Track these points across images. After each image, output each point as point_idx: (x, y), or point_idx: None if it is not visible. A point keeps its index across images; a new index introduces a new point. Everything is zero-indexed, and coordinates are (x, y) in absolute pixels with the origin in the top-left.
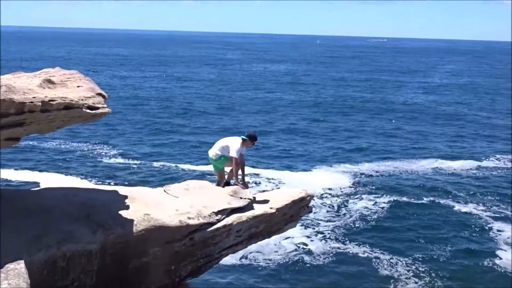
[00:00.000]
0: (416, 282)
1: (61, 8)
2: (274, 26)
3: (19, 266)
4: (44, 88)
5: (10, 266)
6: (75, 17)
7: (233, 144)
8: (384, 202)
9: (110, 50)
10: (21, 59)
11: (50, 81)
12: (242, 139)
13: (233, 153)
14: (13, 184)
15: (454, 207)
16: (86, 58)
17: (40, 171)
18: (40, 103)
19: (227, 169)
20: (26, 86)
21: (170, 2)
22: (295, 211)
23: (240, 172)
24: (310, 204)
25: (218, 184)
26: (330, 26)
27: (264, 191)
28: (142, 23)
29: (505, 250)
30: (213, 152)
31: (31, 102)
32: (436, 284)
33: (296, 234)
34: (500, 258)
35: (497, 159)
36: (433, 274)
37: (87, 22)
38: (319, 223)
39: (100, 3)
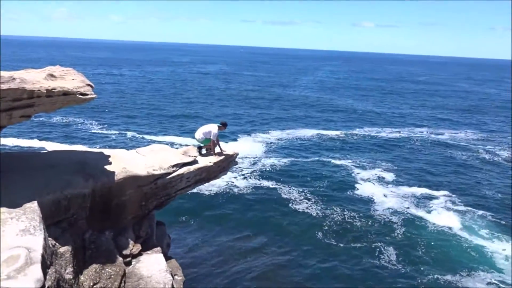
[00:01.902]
0: (306, 203)
1: (61, 23)
2: (211, 39)
3: (33, 205)
4: (48, 80)
5: (27, 204)
6: (72, 30)
7: (212, 129)
8: (284, 157)
9: (95, 54)
10: (29, 60)
11: (52, 75)
12: (218, 126)
13: (213, 137)
14: (26, 149)
15: (330, 160)
16: (76, 60)
17: (46, 140)
18: (45, 91)
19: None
20: (34, 78)
21: (140, 20)
22: (226, 164)
23: (216, 147)
24: (236, 159)
25: (200, 151)
26: (250, 39)
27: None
28: (119, 35)
29: (360, 184)
30: (199, 136)
31: (39, 90)
32: (314, 199)
33: (226, 176)
34: (358, 189)
35: (358, 127)
36: (315, 196)
37: (76, 34)
38: (242, 170)
39: (91, 20)
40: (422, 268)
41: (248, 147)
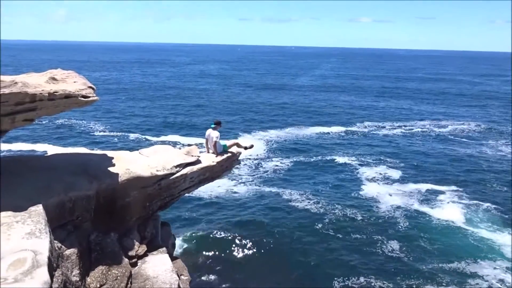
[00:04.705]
0: (308, 203)
1: (59, 26)
2: (209, 38)
3: (38, 208)
4: (49, 83)
5: (32, 208)
6: (70, 32)
7: (213, 134)
8: (286, 156)
9: (94, 57)
10: (29, 65)
11: (54, 78)
12: (213, 127)
13: (217, 138)
14: (29, 152)
15: (333, 158)
16: (76, 63)
17: (48, 143)
18: (47, 94)
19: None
20: (36, 82)
21: (137, 21)
22: (229, 163)
23: (212, 147)
24: (239, 159)
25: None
26: (248, 38)
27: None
28: (117, 36)
29: (364, 182)
30: (214, 150)
31: (41, 93)
32: (317, 199)
33: (225, 182)
34: (363, 190)
35: (359, 124)
36: (318, 197)
37: (74, 36)
38: (245, 170)
39: (89, 21)
40: (425, 257)
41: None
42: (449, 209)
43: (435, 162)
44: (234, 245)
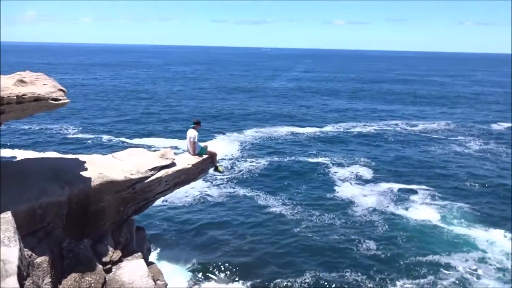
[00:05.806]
0: (282, 205)
1: (29, 27)
2: (183, 40)
3: (7, 215)
4: (18, 86)
5: (0, 215)
6: (40, 34)
7: (191, 135)
8: (260, 157)
9: (66, 59)
10: None
11: (22, 81)
12: (192, 127)
13: (194, 139)
14: None
15: (307, 159)
16: (47, 65)
17: (17, 147)
18: (15, 97)
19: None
20: (4, 85)
21: (110, 22)
22: (205, 166)
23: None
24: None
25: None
26: (222, 40)
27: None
28: (90, 38)
29: (339, 184)
30: (193, 151)
31: (8, 97)
32: (292, 204)
33: (199, 185)
34: (337, 191)
35: (333, 124)
36: (293, 201)
37: (45, 38)
38: (216, 178)
39: (65, 22)
40: (401, 253)
41: (224, 148)
42: (424, 209)
43: (407, 161)
44: (209, 249)
